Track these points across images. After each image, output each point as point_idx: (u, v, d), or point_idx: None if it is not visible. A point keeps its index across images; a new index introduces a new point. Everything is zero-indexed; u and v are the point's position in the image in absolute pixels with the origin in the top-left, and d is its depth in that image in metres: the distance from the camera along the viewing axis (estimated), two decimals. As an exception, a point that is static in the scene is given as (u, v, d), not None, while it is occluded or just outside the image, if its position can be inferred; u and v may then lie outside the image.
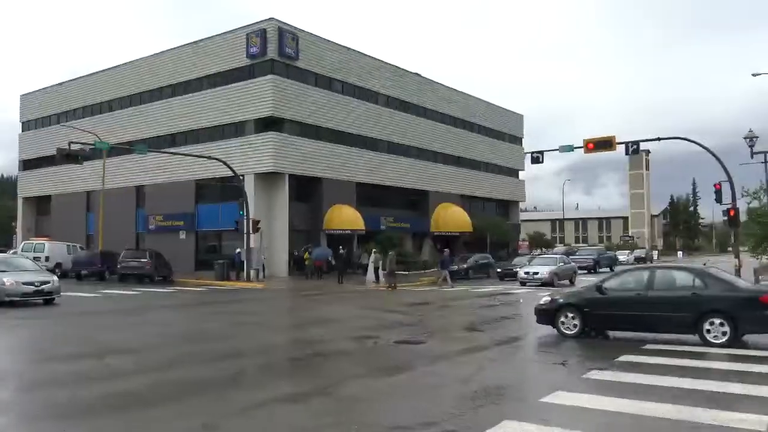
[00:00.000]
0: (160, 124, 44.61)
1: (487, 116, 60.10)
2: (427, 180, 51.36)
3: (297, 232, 39.99)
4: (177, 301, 22.19)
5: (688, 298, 12.03)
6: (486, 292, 27.16)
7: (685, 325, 12.07)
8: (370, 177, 45.38)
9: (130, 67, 47.47)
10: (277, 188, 39.07)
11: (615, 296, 12.84)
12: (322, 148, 41.60)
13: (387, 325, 15.12)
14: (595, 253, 47.26)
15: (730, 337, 11.62)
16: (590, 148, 27.01)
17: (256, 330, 14.69)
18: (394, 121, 48.17)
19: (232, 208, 37.18)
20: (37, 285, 19.59)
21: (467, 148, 56.86)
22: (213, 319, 17.11)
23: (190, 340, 12.95)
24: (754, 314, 11.52)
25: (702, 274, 12.35)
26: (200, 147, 40.67)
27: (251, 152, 38.99)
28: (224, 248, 40.79)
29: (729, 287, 12.01)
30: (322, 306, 20.26)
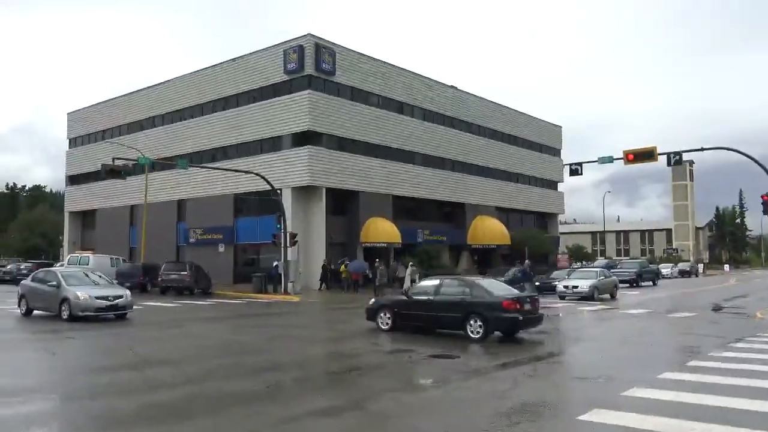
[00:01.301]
0: (201, 139, 45.54)
1: (524, 128, 59.61)
2: (464, 192, 51.12)
3: (334, 245, 40.16)
4: (215, 314, 22.46)
5: (459, 302, 15.36)
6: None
7: (456, 323, 15.32)
8: (406, 190, 45.41)
9: (171, 85, 48.66)
10: (314, 202, 39.38)
11: (415, 300, 16.36)
12: (359, 161, 41.82)
13: (421, 339, 15.01)
14: (637, 266, 46.13)
15: (483, 334, 14.87)
16: (630, 159, 26.50)
17: (292, 343, 14.75)
18: (430, 133, 48.18)
19: (269, 221, 37.59)
20: (110, 299, 19.10)
21: (504, 160, 56.44)
22: (250, 331, 17.25)
23: (227, 353, 13.08)
24: (499, 315, 14.76)
25: (471, 284, 15.66)
26: (239, 161, 41.31)
27: (288, 166, 39.44)
28: (262, 261, 41.16)
29: (486, 294, 15.13)
30: (356, 319, 20.28)
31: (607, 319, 21.46)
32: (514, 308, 14.75)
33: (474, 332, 14.93)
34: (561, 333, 17.52)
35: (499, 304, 14.78)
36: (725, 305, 25.57)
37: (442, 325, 15.81)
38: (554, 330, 17.84)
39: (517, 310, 14.78)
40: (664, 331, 17.66)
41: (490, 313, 14.78)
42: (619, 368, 11.06)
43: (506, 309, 14.72)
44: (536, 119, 62.20)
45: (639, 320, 20.33)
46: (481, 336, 14.81)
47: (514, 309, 14.75)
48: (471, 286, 15.49)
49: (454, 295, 15.57)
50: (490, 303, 14.90)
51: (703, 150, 25.98)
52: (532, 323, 15.52)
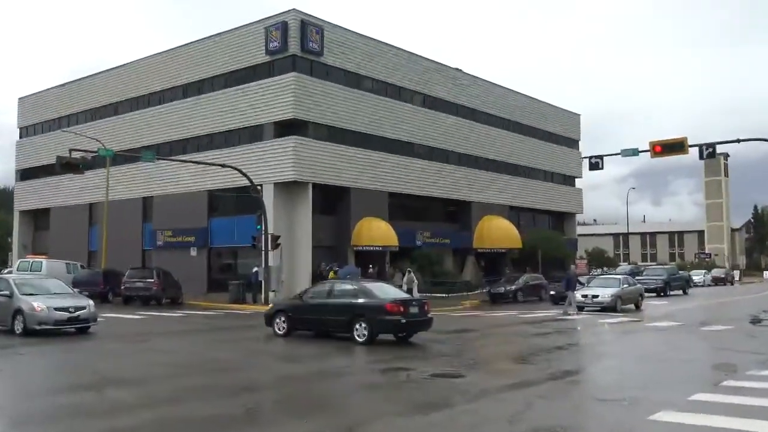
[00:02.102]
0: (170, 128, 45.47)
1: (538, 116, 59.76)
2: (470, 189, 51.21)
3: (321, 248, 40.19)
4: (186, 327, 22.42)
5: (347, 305, 17.46)
6: (537, 317, 26.84)
7: (344, 326, 17.39)
8: (404, 186, 45.45)
9: (136, 67, 48.54)
10: (300, 199, 39.37)
11: (309, 303, 18.45)
12: (350, 153, 41.84)
13: (422, 355, 15.04)
14: (665, 273, 46.32)
15: (369, 338, 16.83)
16: (658, 152, 26.60)
17: (273, 360, 14.74)
18: (431, 122, 48.22)
19: (248, 222, 37.57)
20: (71, 311, 18.83)
21: (515, 153, 56.57)
22: (226, 347, 17.24)
23: (200, 371, 13.08)
24: (383, 318, 16.79)
25: (359, 287, 17.93)
26: (214, 154, 41.26)
27: (270, 159, 39.43)
28: (240, 267, 41.12)
29: (372, 297, 17.21)
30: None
31: (631, 332, 21.52)
32: (398, 311, 16.88)
33: (359, 335, 17.05)
34: (579, 348, 17.58)
35: (382, 307, 16.89)
36: (765, 317, 25.69)
37: (332, 328, 18.07)
38: (571, 345, 17.90)
39: (400, 313, 16.89)
40: (695, 347, 17.73)
41: (374, 316, 16.91)
42: (646, 389, 11.09)
43: (390, 312, 16.84)
44: (551, 106, 62.31)
45: (667, 334, 20.40)
46: (367, 339, 16.86)
47: (398, 312, 16.87)
48: (359, 290, 17.84)
49: (343, 298, 17.83)
50: (375, 306, 17.03)
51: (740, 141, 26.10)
52: (420, 326, 17.76)
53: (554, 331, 21.18)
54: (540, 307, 33.53)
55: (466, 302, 36.15)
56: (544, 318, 26.54)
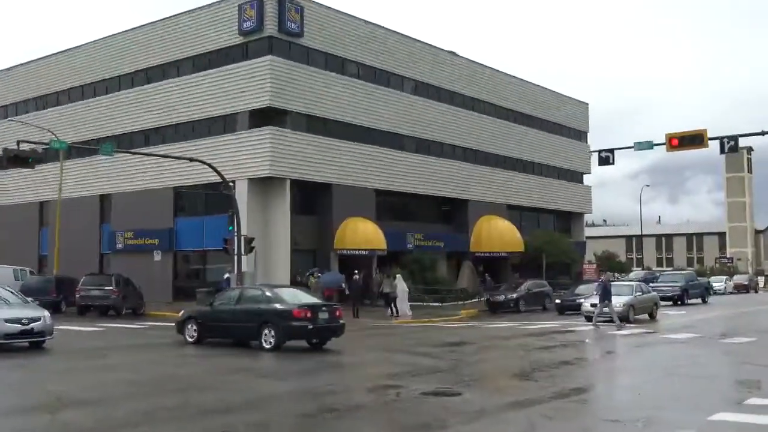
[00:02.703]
0: (131, 118, 45.27)
1: (542, 105, 60.03)
2: (467, 186, 51.34)
3: (301, 252, 40.17)
4: (149, 340, 22.32)
5: (254, 312, 19.05)
6: (541, 329, 26.94)
7: (252, 333, 18.94)
8: (393, 183, 45.50)
9: (93, 49, 48.27)
10: (277, 197, 39.32)
11: (218, 309, 20.01)
12: (333, 146, 41.83)
13: (414, 371, 15.06)
14: (683, 280, 46.60)
15: (276, 344, 18.43)
16: (674, 145, 26.77)
17: (248, 378, 14.71)
18: (423, 111, 48.31)
19: (219, 222, 37.48)
20: (24, 323, 18.62)
21: (517, 146, 56.79)
22: (194, 363, 17.17)
23: (166, 390, 13.02)
24: (289, 324, 18.39)
25: (267, 292, 19.61)
26: (180, 146, 41.12)
27: (244, 152, 39.36)
28: (209, 273, 41.06)
29: (279, 302, 18.87)
30: (331, 346, 20.24)
31: (645, 345, 21.64)
32: (305, 317, 18.39)
33: (267, 342, 18.58)
34: (588, 363, 17.67)
35: (289, 312, 18.43)
36: (792, 328, 25.90)
37: (241, 335, 19.62)
38: (579, 360, 17.99)
39: (307, 319, 18.41)
40: (716, 361, 17.87)
41: (281, 322, 18.48)
42: (662, 408, 11.16)
43: (296, 318, 18.37)
44: (557, 94, 62.65)
45: (685, 347, 20.54)
46: (274, 346, 18.43)
47: (305, 318, 18.38)
48: (267, 295, 19.42)
49: (251, 304, 19.43)
50: (282, 312, 18.59)
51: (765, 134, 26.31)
52: (330, 333, 19.36)
53: (560, 344, 21.27)
54: (544, 318, 33.64)
55: (462, 312, 36.23)
56: (548, 329, 26.64)
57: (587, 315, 30.46)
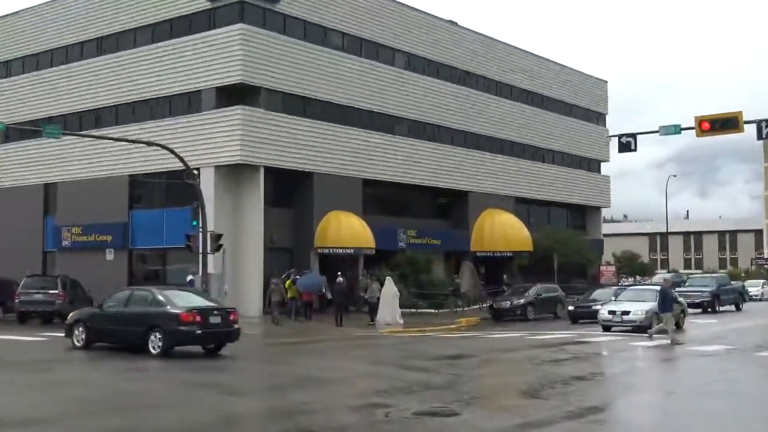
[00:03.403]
0: (80, 95, 45.00)
1: (554, 82, 60.17)
2: (467, 176, 51.38)
3: (276, 251, 40.11)
4: (101, 352, 22.23)
5: (143, 314, 20.26)
6: (551, 339, 27.00)
7: (139, 338, 20.01)
8: (383, 171, 45.48)
9: (37, 14, 47.95)
10: (248, 188, 39.21)
11: (107, 312, 21.02)
12: (314, 129, 41.73)
13: (405, 388, 15.06)
14: (714, 284, 46.75)
15: (163, 349, 19.59)
16: (705, 130, 26.83)
17: (212, 395, 14.67)
18: (417, 89, 48.27)
19: (182, 216, 37.27)
20: None
21: (526, 129, 56.86)
22: (152, 378, 17.11)
23: (120, 408, 12.97)
24: (177, 329, 19.50)
25: (155, 295, 20.78)
26: (137, 128, 40.96)
27: (211, 135, 39.20)
28: (170, 274, 40.95)
29: (168, 305, 20.02)
30: (311, 359, 20.20)
31: (670, 359, 21.70)
32: (194, 321, 19.54)
33: (154, 347, 19.69)
34: (605, 379, 17.71)
35: (177, 316, 19.58)
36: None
37: (130, 339, 20.63)
38: (595, 375, 18.03)
39: (196, 323, 19.57)
40: (752, 377, 17.94)
41: (168, 326, 19.60)
42: (689, 430, 11.19)
43: (185, 322, 19.49)
44: (572, 71, 62.80)
45: (716, 361, 20.60)
46: (161, 351, 19.54)
47: (194, 322, 19.54)
48: (156, 297, 20.61)
49: (140, 307, 20.62)
50: (170, 315, 19.71)
51: (809, 117, 26.35)
52: (223, 337, 20.60)
53: (573, 357, 21.30)
54: (555, 327, 33.70)
55: (461, 320, 36.25)
56: (560, 340, 26.68)
57: (605, 324, 30.54)
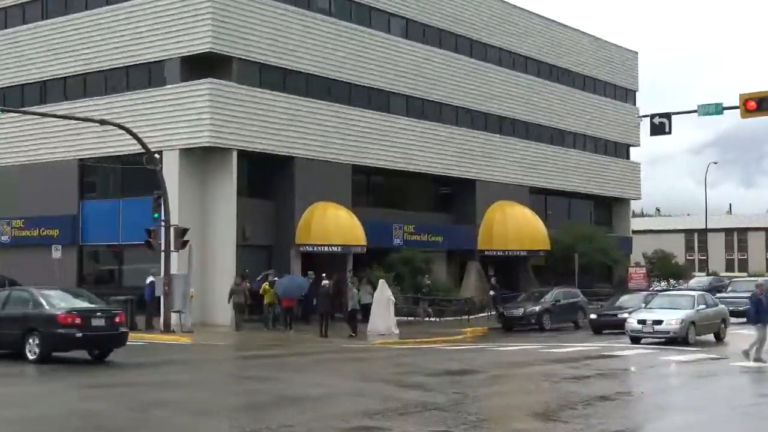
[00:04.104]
0: (23, 66, 44.81)
1: (576, 53, 60.15)
2: (475, 162, 51.35)
3: (252, 248, 40.13)
4: (47, 366, 22.19)
5: (20, 317, 21.63)
6: (571, 353, 27.08)
7: (17, 342, 21.43)
8: (376, 156, 45.43)
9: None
10: (219, 175, 39.09)
11: None
12: (296, 107, 41.61)
13: (401, 409, 15.07)
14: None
15: (40, 355, 21.03)
16: (751, 110, 26.83)
17: (177, 415, 14.66)
18: (416, 61, 48.18)
19: (141, 207, 37.20)
20: None
21: (543, 108, 56.82)
22: (107, 396, 17.07)
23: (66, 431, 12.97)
24: (55, 332, 20.90)
25: (32, 294, 22.24)
26: (89, 104, 40.84)
27: (175, 113, 39.06)
28: (128, 275, 40.94)
29: (47, 306, 21.43)
30: (292, 375, 20.18)
31: (709, 375, 21.73)
32: (72, 323, 20.84)
33: (31, 352, 21.04)
34: (633, 399, 17.74)
35: (54, 318, 20.93)
36: None
37: (7, 344, 21.92)
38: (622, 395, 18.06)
39: (75, 326, 20.86)
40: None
41: (46, 329, 20.97)
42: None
43: (63, 324, 20.82)
44: (598, 40, 62.81)
45: (762, 379, 20.64)
46: (38, 357, 20.96)
47: (72, 324, 20.83)
48: (35, 298, 21.88)
49: (18, 308, 21.94)
50: (47, 317, 21.09)
51: None
52: (108, 342, 22.08)
53: (596, 374, 21.32)
54: (576, 338, 33.74)
55: (466, 330, 36.29)
56: (582, 354, 26.70)
57: (633, 335, 30.56)
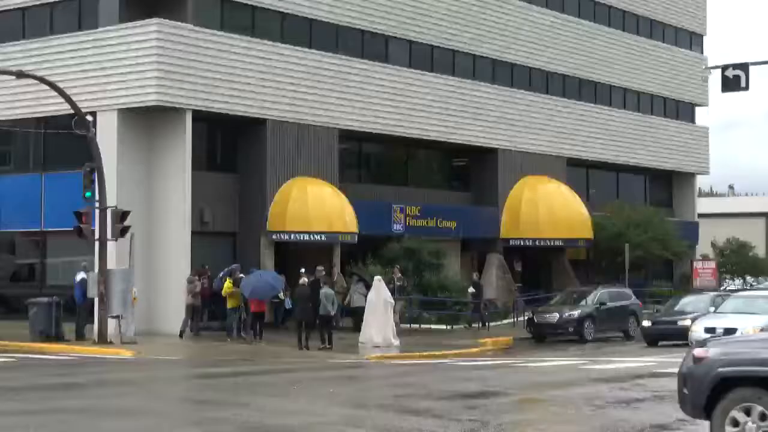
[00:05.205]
0: None
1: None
2: (496, 126, 51.37)
3: (211, 236, 40.25)
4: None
5: None
6: (620, 370, 27.10)
7: None
8: (370, 120, 45.45)
9: None
10: (169, 142, 39.02)
11: None
12: (268, 55, 41.61)
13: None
14: None
15: None
16: None
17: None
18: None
19: (69, 184, 37.19)
20: None
21: (584, 57, 56.76)
22: (19, 425, 17.16)
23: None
24: None
25: None
26: (1, 53, 40.91)
27: (112, 64, 39.03)
28: (52, 270, 41.10)
29: None
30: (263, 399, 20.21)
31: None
32: None
33: None
34: (700, 427, 17.81)
35: None
36: None
37: None
38: (685, 423, 18.10)
39: None
40: None
41: None
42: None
43: None
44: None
45: None
46: None
47: None
48: None
49: None
50: None
51: None
52: None
53: (652, 397, 21.31)
54: (626, 351, 33.81)
55: (486, 340, 36.35)
56: (632, 371, 26.70)
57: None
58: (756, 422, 11.77)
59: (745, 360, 12.51)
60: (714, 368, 12.45)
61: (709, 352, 12.89)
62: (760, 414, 11.77)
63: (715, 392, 12.28)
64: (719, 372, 12.36)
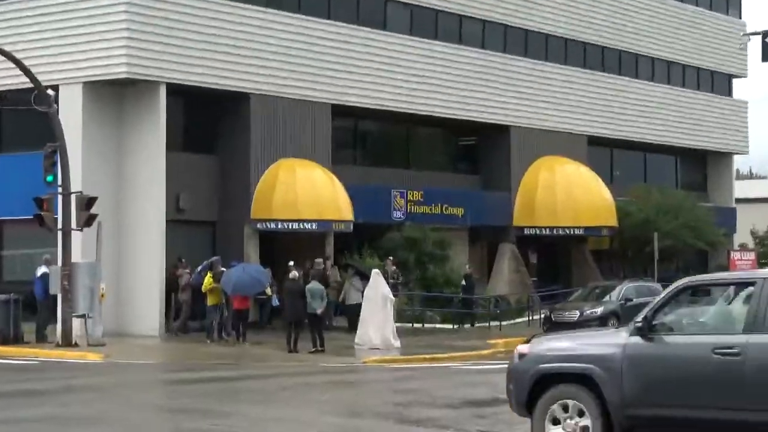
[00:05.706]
0: None
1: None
2: (509, 100, 51.38)
3: (189, 225, 40.35)
4: None
5: None
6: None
7: None
8: (366, 94, 45.43)
9: None
10: (142, 119, 39.03)
11: None
12: (252, 23, 41.56)
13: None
14: None
15: None
16: None
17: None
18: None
19: (28, 166, 37.20)
20: None
21: (607, 22, 56.70)
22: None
23: None
24: None
25: None
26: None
27: (77, 32, 39.04)
28: (9, 263, 41.28)
29: None
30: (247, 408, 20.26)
31: None
32: None
33: None
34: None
35: None
36: None
37: None
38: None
39: None
40: None
41: None
42: None
43: None
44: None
45: None
46: None
47: None
48: None
49: None
50: None
51: None
52: None
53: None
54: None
55: (497, 341, 36.37)
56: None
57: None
58: (574, 418, 12.69)
59: (564, 356, 13.39)
60: (535, 365, 13.38)
61: (531, 349, 13.79)
62: (578, 410, 12.68)
63: (537, 389, 13.23)
64: (539, 368, 13.35)
